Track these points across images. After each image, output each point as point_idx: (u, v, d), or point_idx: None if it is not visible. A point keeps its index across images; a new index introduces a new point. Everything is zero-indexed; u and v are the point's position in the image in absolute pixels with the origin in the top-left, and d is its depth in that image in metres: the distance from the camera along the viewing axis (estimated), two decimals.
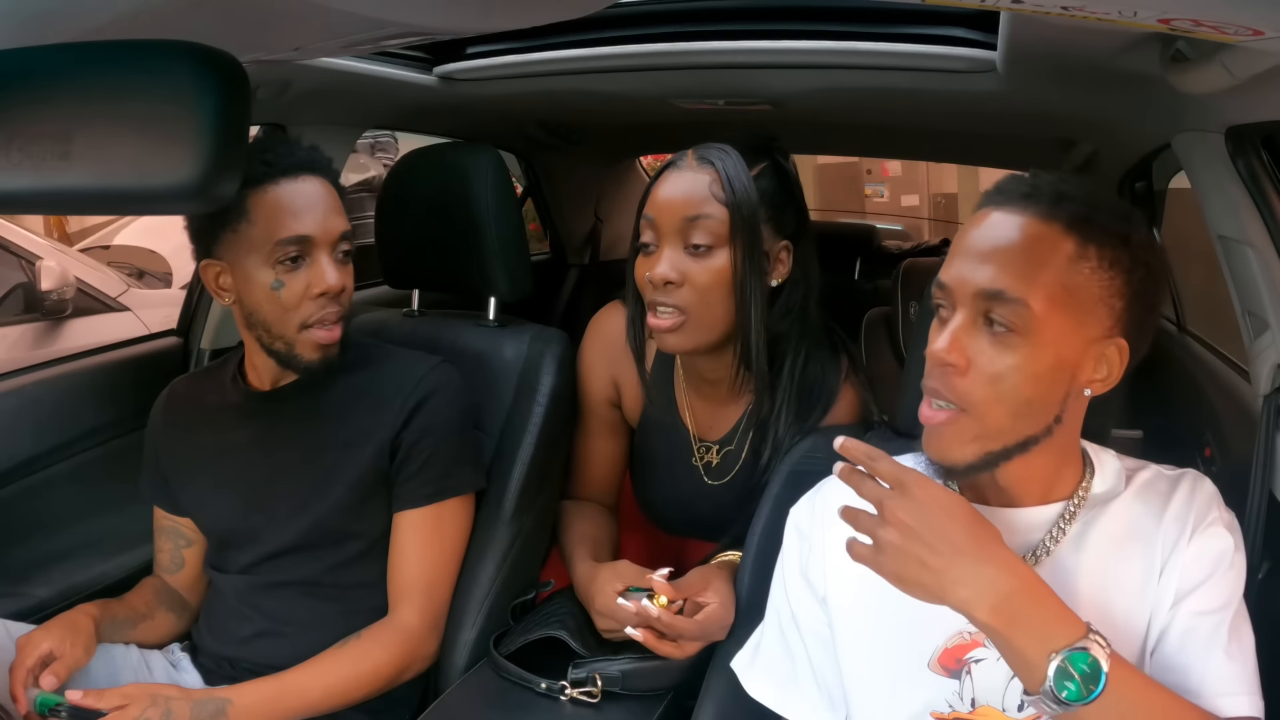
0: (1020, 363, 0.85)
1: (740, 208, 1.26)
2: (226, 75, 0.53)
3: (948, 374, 0.87)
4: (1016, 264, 0.85)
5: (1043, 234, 0.86)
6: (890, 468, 0.86)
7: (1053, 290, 0.85)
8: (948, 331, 0.87)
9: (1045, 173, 0.91)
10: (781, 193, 1.33)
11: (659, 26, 1.48)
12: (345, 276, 1.27)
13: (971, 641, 0.93)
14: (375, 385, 1.33)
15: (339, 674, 1.24)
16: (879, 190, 6.07)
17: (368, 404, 1.32)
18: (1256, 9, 0.60)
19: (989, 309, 0.86)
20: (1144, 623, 0.90)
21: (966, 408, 0.87)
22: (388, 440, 1.30)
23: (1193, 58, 0.97)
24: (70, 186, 0.54)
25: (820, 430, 1.31)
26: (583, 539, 1.43)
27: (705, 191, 1.27)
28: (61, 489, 1.60)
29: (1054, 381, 0.87)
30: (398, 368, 1.35)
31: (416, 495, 1.31)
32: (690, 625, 1.19)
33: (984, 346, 0.86)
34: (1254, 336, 1.26)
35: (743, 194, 1.26)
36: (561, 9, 0.88)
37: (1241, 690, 0.86)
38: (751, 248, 1.27)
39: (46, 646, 1.18)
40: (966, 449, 0.88)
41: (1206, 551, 0.90)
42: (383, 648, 1.27)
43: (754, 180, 1.28)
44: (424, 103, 1.79)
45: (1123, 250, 0.87)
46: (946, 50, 1.34)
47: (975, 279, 0.86)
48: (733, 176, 1.27)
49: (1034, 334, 0.84)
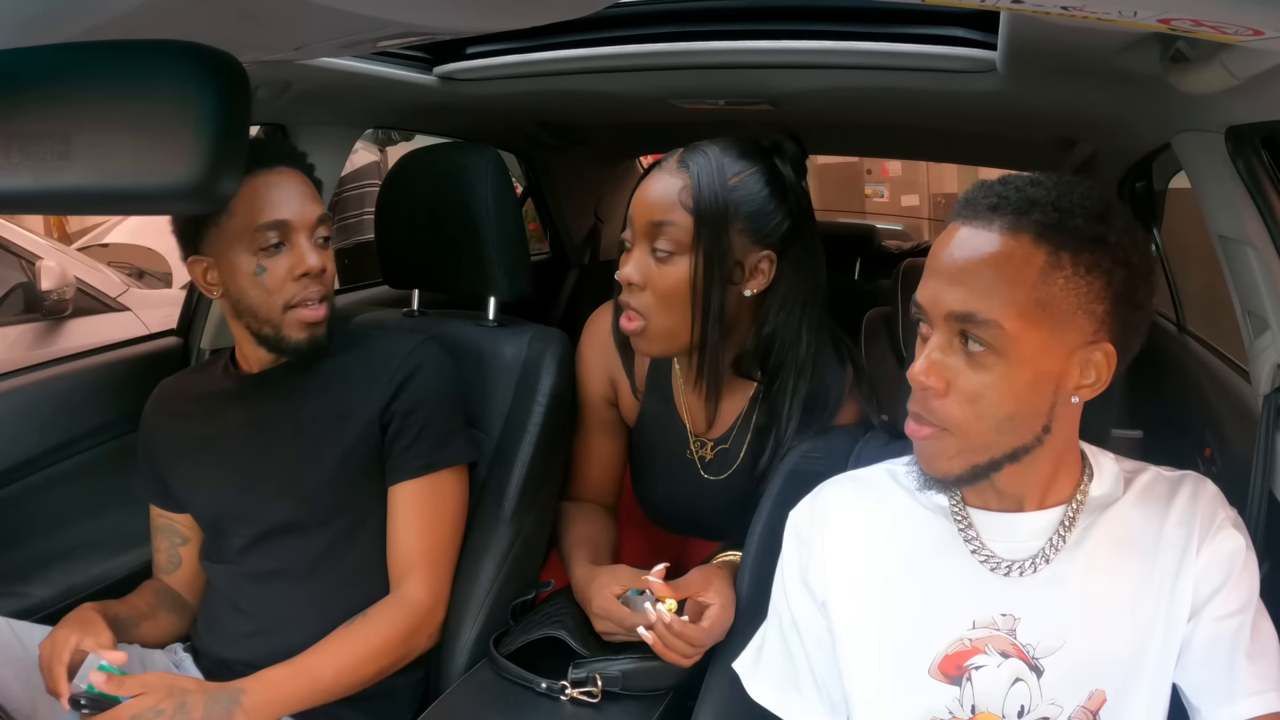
0: (997, 381, 0.84)
1: (705, 217, 1.24)
2: (226, 75, 0.53)
3: (927, 395, 0.87)
4: (986, 283, 0.84)
5: (1011, 249, 0.84)
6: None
7: (1025, 307, 0.83)
8: (924, 355, 0.87)
9: (1017, 176, 0.89)
10: (767, 200, 1.28)
11: (659, 26, 1.47)
12: (325, 259, 1.31)
13: (972, 648, 0.93)
14: (363, 362, 1.36)
15: (349, 653, 1.25)
16: (879, 190, 6.07)
17: (357, 379, 1.35)
18: (1256, 9, 0.60)
19: (963, 329, 0.85)
20: (1145, 628, 0.90)
21: (948, 427, 0.87)
22: (378, 412, 1.32)
23: (1193, 58, 0.97)
24: (70, 186, 0.54)
25: (823, 432, 1.31)
26: (582, 541, 1.43)
27: (674, 198, 1.26)
28: (61, 489, 1.60)
29: (1036, 395, 0.86)
30: (385, 345, 1.38)
31: (412, 466, 1.33)
32: (701, 633, 1.17)
33: (961, 366, 0.86)
34: (1254, 336, 1.26)
35: (709, 203, 1.24)
36: (561, 9, 0.88)
37: (1269, 688, 0.87)
38: (713, 258, 1.25)
39: (74, 640, 1.18)
40: (952, 463, 0.89)
41: (1219, 555, 0.90)
42: (390, 622, 1.29)
43: (732, 188, 1.26)
44: (424, 103, 1.79)
45: (1100, 253, 0.84)
46: (946, 50, 1.34)
47: (947, 300, 0.85)
48: (704, 184, 1.25)
49: (1010, 352, 0.83)
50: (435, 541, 1.34)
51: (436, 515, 1.34)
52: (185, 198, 0.53)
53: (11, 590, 1.47)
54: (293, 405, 1.35)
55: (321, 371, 1.35)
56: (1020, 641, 0.92)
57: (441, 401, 1.36)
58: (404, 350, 1.36)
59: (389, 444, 1.33)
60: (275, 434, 1.34)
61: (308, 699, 1.22)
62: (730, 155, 1.28)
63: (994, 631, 0.92)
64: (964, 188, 3.90)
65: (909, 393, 0.90)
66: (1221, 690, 0.88)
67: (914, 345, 0.90)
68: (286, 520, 1.33)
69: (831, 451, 1.21)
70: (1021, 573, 0.93)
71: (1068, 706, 0.90)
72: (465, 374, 1.50)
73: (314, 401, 1.34)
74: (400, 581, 1.32)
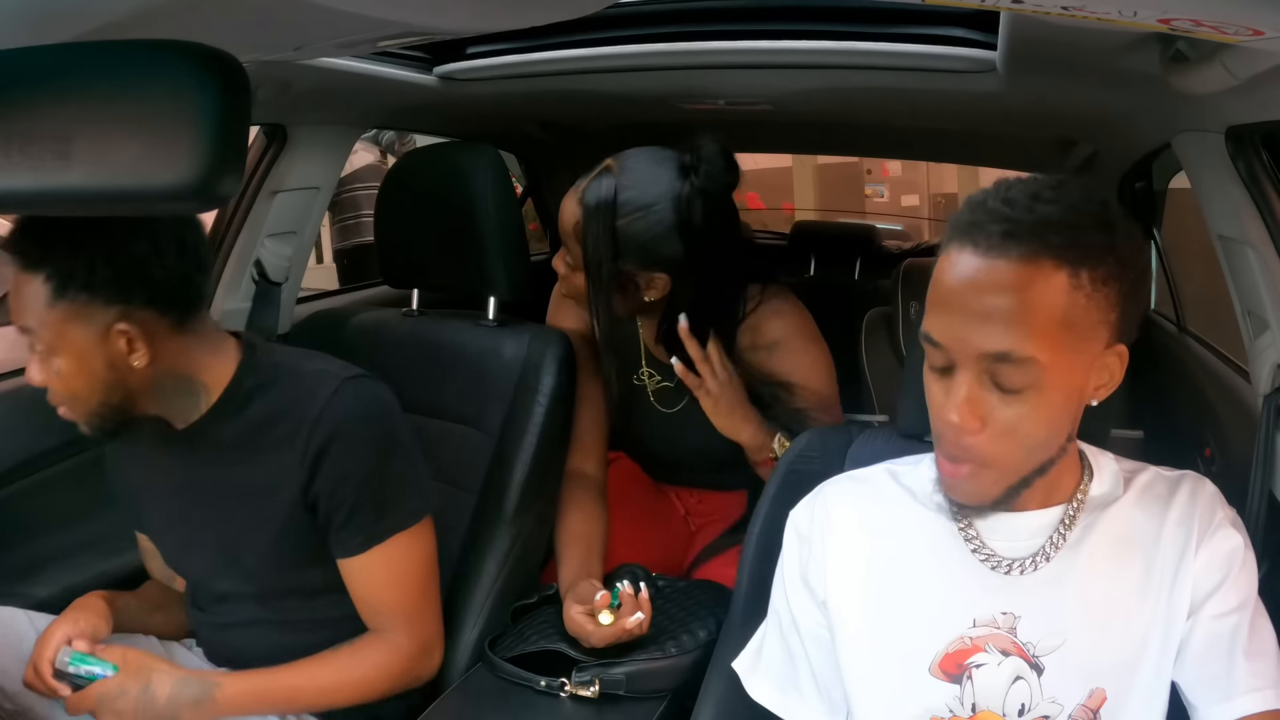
0: (1032, 411, 0.83)
1: (590, 254, 1.39)
2: (226, 75, 0.53)
3: (962, 436, 0.84)
4: (1016, 319, 0.80)
5: (1033, 277, 0.81)
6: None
7: (1053, 333, 0.81)
8: (958, 398, 0.83)
9: (1019, 189, 0.85)
10: (659, 235, 1.37)
11: (659, 26, 1.47)
12: (38, 371, 1.15)
13: (973, 646, 0.93)
14: (273, 420, 1.20)
15: (332, 679, 1.23)
16: (879, 190, 6.08)
17: (270, 443, 1.19)
18: (1256, 9, 0.60)
19: (994, 369, 0.82)
20: (1145, 627, 0.90)
21: (987, 462, 0.86)
22: (299, 493, 1.18)
23: (1193, 58, 0.97)
24: (70, 186, 0.54)
25: (819, 431, 1.32)
26: (575, 539, 1.47)
27: (570, 228, 1.42)
28: (61, 489, 1.59)
29: (1064, 412, 0.86)
30: (295, 395, 1.20)
31: (351, 545, 1.20)
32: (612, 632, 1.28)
33: (994, 402, 0.83)
34: (1254, 336, 1.27)
35: (593, 244, 1.38)
36: (561, 9, 0.88)
37: (1267, 685, 0.87)
38: (598, 283, 1.39)
39: (60, 634, 1.19)
40: (989, 492, 0.88)
41: (1218, 554, 0.90)
42: (373, 662, 1.24)
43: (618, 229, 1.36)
44: (424, 103, 1.78)
45: (1110, 262, 0.82)
46: (946, 50, 1.34)
47: (976, 341, 0.82)
48: (590, 229, 1.38)
49: (1044, 382, 0.82)
50: (406, 597, 1.24)
51: (398, 578, 1.23)
52: (185, 198, 0.53)
53: (11, 590, 1.47)
54: (217, 470, 1.22)
55: (237, 429, 1.21)
56: (1020, 640, 0.92)
57: (370, 469, 1.18)
58: (315, 408, 1.17)
59: (323, 523, 1.20)
60: (209, 500, 1.24)
61: (283, 708, 1.22)
62: (630, 190, 1.38)
63: (994, 630, 0.92)
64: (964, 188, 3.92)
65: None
66: (1220, 688, 0.88)
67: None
68: (234, 589, 1.28)
69: (828, 450, 1.21)
70: (1022, 571, 0.93)
71: (1068, 705, 0.90)
72: (465, 374, 1.50)
73: (235, 470, 1.21)
74: (382, 631, 1.25)
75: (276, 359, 1.25)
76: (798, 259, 3.11)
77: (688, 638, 1.33)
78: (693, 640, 1.32)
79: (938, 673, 0.93)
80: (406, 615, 1.25)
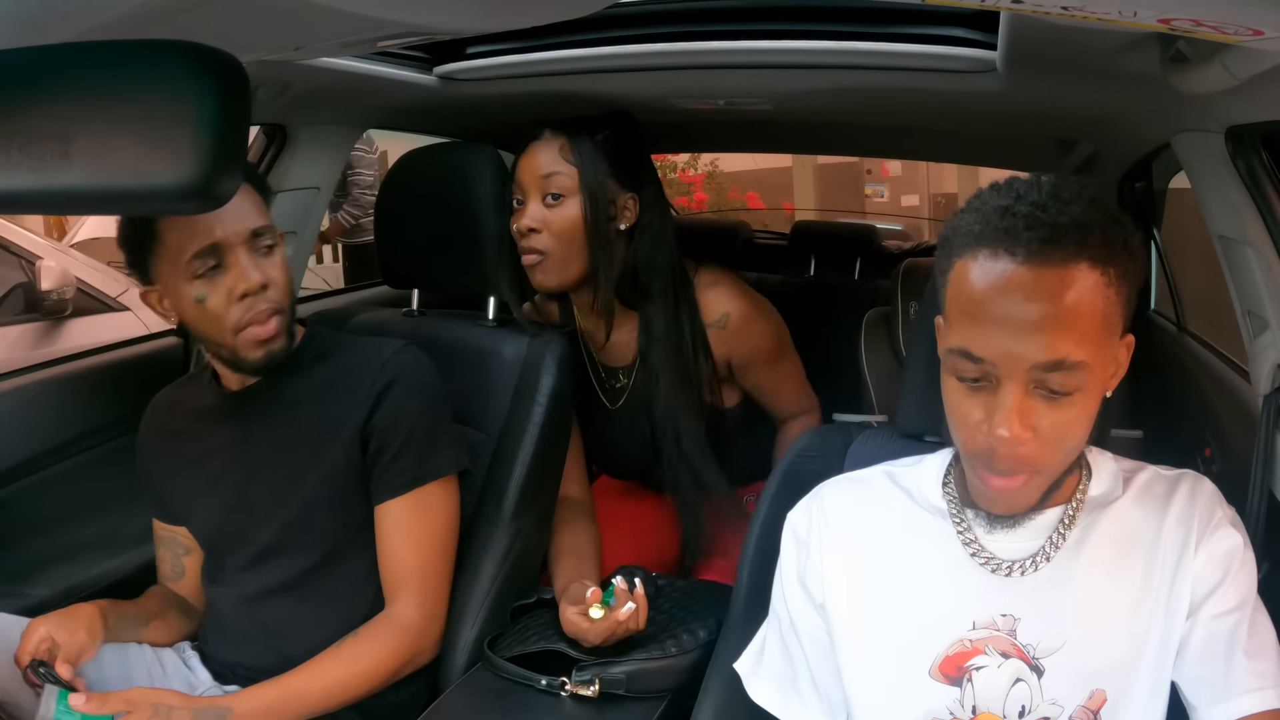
0: (1078, 413, 0.84)
1: (586, 163, 1.52)
2: (226, 75, 0.53)
3: (1016, 448, 0.83)
4: (1065, 325, 0.80)
5: (1076, 280, 0.80)
6: None
7: (1096, 333, 0.81)
8: (1007, 411, 0.82)
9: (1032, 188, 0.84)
10: (623, 152, 1.57)
11: (659, 26, 1.47)
12: (270, 269, 1.25)
13: (972, 649, 0.93)
14: (341, 374, 1.32)
15: (338, 674, 1.24)
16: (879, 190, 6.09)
17: (334, 394, 1.31)
18: (1256, 9, 0.60)
19: (1043, 378, 0.81)
20: (1144, 627, 0.90)
21: (1039, 469, 0.86)
22: (357, 430, 1.28)
23: (1193, 58, 0.97)
24: (70, 186, 0.54)
25: (818, 431, 1.32)
26: (566, 552, 1.52)
27: (556, 154, 1.53)
28: (61, 489, 1.60)
29: (1097, 407, 0.87)
30: (361, 355, 1.34)
31: (395, 484, 1.29)
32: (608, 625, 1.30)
33: (1044, 411, 0.83)
34: (1254, 336, 1.26)
35: (588, 152, 1.53)
36: (561, 9, 0.87)
37: (1266, 684, 0.87)
38: (598, 195, 1.52)
39: (44, 630, 1.18)
40: (1033, 498, 0.89)
41: (1217, 553, 0.90)
42: (380, 644, 1.27)
43: (600, 142, 1.54)
44: (424, 103, 1.78)
45: (1126, 257, 0.83)
46: (946, 50, 1.34)
47: (1027, 353, 0.80)
48: (581, 138, 1.54)
49: (1089, 383, 0.82)
50: (425, 558, 1.31)
51: (425, 531, 1.31)
52: (185, 198, 0.53)
53: (11, 590, 1.47)
54: (275, 423, 1.32)
55: (301, 385, 1.32)
56: (1020, 642, 0.92)
57: (422, 412, 1.31)
58: (379, 360, 1.31)
59: (371, 461, 1.29)
60: (260, 454, 1.32)
61: (295, 717, 1.22)
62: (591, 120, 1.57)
63: (994, 632, 0.92)
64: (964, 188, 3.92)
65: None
66: (1219, 687, 0.88)
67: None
68: (277, 541, 1.31)
69: (827, 450, 1.21)
70: (1022, 573, 0.93)
71: (1068, 706, 0.90)
72: (465, 374, 1.49)
73: (296, 419, 1.31)
74: (392, 600, 1.30)
75: (338, 335, 1.41)
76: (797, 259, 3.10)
77: (688, 637, 1.33)
78: (693, 640, 1.32)
79: (937, 675, 0.93)
80: (421, 577, 1.31)
